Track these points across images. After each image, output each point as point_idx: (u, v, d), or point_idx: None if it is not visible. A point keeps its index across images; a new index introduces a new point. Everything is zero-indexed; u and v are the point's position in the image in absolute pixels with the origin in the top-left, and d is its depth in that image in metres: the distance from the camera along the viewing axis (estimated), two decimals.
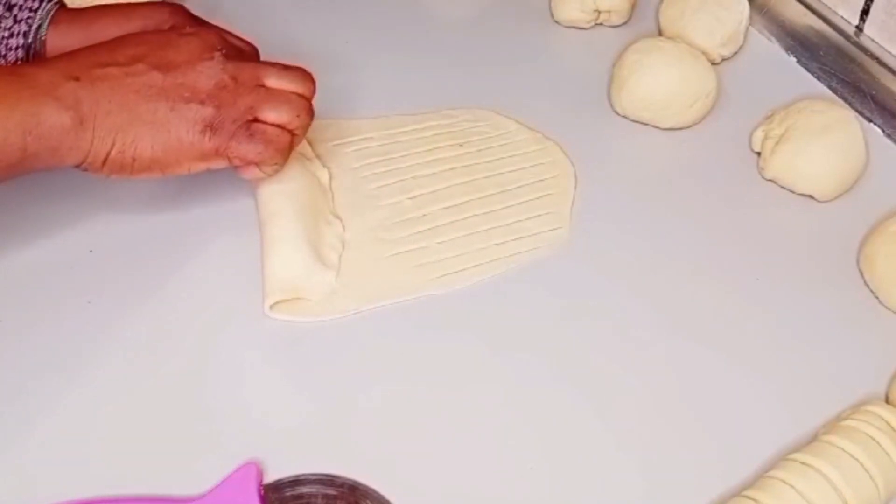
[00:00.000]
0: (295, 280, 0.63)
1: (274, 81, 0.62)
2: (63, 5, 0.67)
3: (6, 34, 0.64)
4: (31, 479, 0.54)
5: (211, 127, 0.59)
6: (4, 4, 0.64)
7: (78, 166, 0.58)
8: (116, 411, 0.57)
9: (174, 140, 0.59)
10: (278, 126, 0.61)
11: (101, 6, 0.68)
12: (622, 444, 0.57)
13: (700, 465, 0.56)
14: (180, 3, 0.68)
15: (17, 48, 0.65)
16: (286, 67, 0.64)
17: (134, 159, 0.58)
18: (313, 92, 0.64)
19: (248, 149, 0.60)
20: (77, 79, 0.57)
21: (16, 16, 0.64)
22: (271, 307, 0.62)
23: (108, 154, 0.57)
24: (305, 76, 0.64)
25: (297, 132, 0.63)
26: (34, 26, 0.64)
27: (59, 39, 0.65)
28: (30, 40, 0.65)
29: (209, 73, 0.60)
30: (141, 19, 0.66)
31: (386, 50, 0.83)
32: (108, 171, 0.58)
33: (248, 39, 0.67)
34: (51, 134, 0.55)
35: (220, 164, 0.61)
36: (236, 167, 0.62)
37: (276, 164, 0.62)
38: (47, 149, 0.55)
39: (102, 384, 0.58)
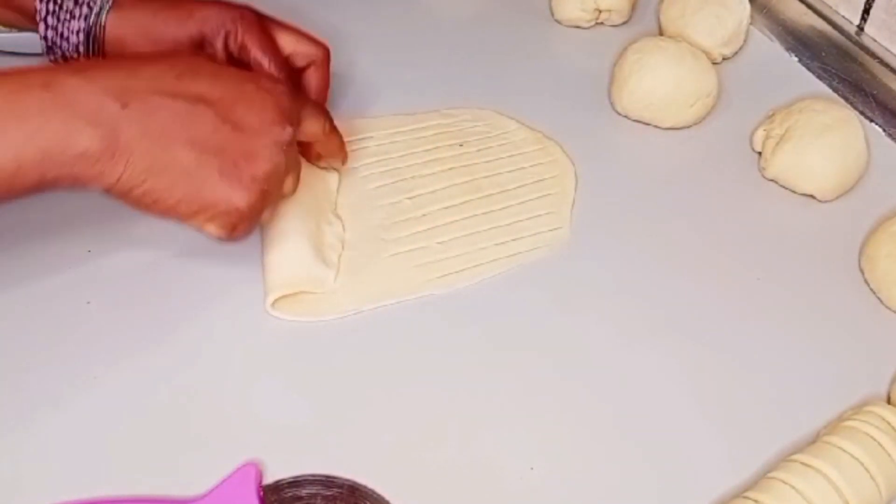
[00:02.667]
0: (296, 276, 0.62)
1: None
2: None
3: (67, 16, 0.64)
4: (30, 479, 0.54)
5: (240, 215, 0.56)
6: None
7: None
8: (115, 411, 0.57)
9: (207, 202, 0.55)
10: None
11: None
12: (622, 444, 0.57)
13: (701, 466, 0.56)
14: (249, 5, 0.67)
15: (78, 31, 0.64)
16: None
17: (156, 202, 0.54)
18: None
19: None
20: (126, 104, 0.52)
21: None
22: (272, 304, 0.62)
23: (132, 190, 0.53)
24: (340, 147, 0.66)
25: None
26: (95, 10, 0.64)
27: (119, 26, 0.64)
28: (91, 23, 0.64)
29: (270, 152, 0.56)
30: (200, 21, 0.65)
31: (385, 49, 0.83)
32: (123, 201, 0.54)
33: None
34: (76, 162, 0.51)
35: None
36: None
37: None
38: (68, 175, 0.51)
39: (101, 384, 0.58)
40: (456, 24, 0.88)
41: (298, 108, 0.60)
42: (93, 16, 0.64)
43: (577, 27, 0.87)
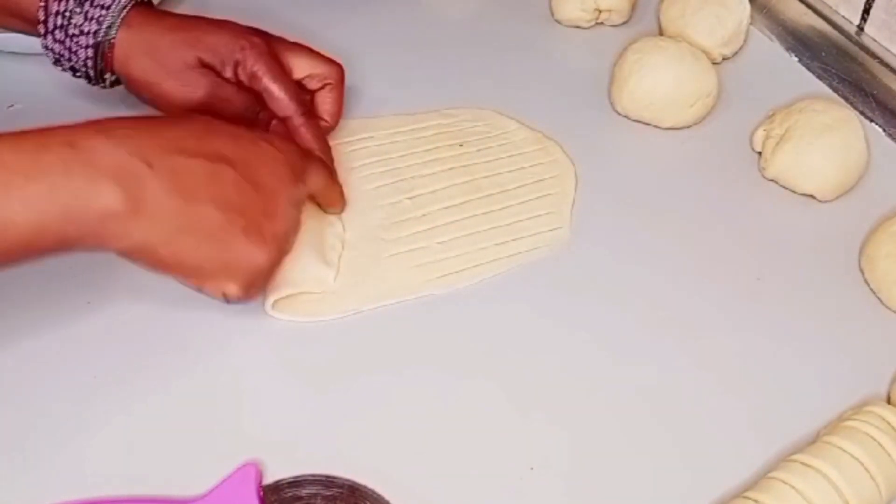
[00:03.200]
0: (296, 276, 0.62)
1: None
2: (139, 4, 0.65)
3: (76, 31, 0.64)
4: (30, 479, 0.54)
5: (261, 273, 0.56)
6: None
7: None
8: (115, 411, 0.57)
9: (231, 261, 0.55)
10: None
11: (179, 20, 0.67)
12: (623, 444, 0.57)
13: (701, 466, 0.56)
14: (262, 34, 0.67)
15: (87, 47, 0.64)
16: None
17: (180, 262, 0.53)
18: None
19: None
20: (150, 165, 0.50)
21: (87, 12, 0.64)
22: (273, 305, 0.62)
23: (157, 251, 0.52)
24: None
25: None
26: (105, 25, 0.63)
27: (127, 45, 0.64)
28: (99, 39, 0.64)
29: (287, 210, 0.57)
30: (210, 48, 0.65)
31: (386, 49, 0.83)
32: (146, 262, 0.53)
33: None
34: (99, 220, 0.49)
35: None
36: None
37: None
38: (91, 234, 0.49)
39: (101, 384, 0.58)
40: (456, 23, 0.88)
41: (306, 161, 0.60)
42: (102, 31, 0.64)
43: (577, 27, 0.87)
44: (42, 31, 0.65)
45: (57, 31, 0.64)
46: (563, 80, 0.82)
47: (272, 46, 0.67)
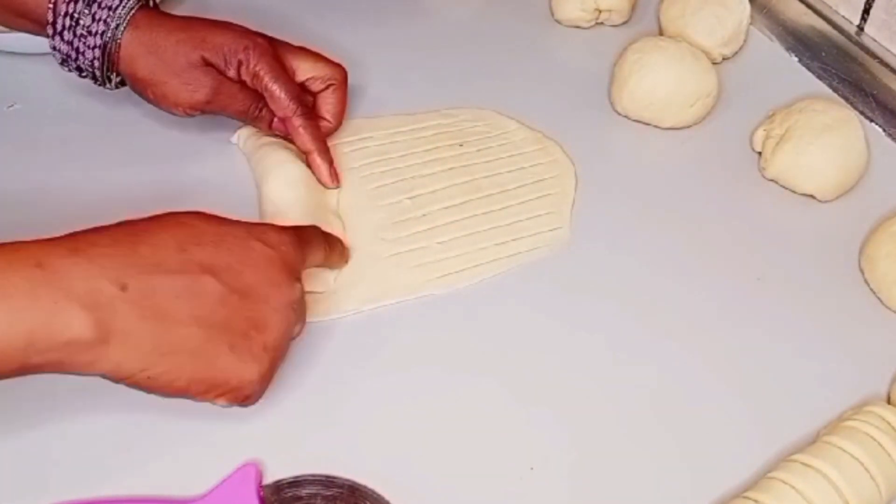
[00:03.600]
0: None
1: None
2: (145, 6, 0.66)
3: (84, 32, 0.64)
4: (31, 479, 0.54)
5: (252, 387, 0.52)
6: (85, 0, 0.64)
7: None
8: (115, 411, 0.57)
9: (219, 380, 0.51)
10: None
11: (184, 21, 0.67)
12: (623, 444, 0.57)
13: (701, 466, 0.56)
14: (266, 36, 0.68)
15: (94, 47, 0.65)
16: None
17: (163, 386, 0.50)
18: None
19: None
20: (124, 287, 0.47)
21: (94, 14, 0.64)
22: None
23: (135, 376, 0.49)
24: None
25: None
26: (112, 26, 0.64)
27: (134, 45, 0.65)
28: (107, 40, 0.64)
29: (280, 316, 0.52)
30: (214, 48, 0.66)
31: (385, 49, 0.83)
32: (128, 386, 0.50)
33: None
34: (64, 348, 0.46)
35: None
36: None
37: None
38: (56, 362, 0.46)
39: (102, 384, 0.58)
40: (456, 24, 0.88)
41: (303, 249, 0.56)
42: (109, 32, 0.65)
43: (577, 27, 0.87)
44: (50, 32, 0.65)
45: (65, 32, 0.65)
46: (563, 80, 0.82)
47: (275, 48, 0.68)
